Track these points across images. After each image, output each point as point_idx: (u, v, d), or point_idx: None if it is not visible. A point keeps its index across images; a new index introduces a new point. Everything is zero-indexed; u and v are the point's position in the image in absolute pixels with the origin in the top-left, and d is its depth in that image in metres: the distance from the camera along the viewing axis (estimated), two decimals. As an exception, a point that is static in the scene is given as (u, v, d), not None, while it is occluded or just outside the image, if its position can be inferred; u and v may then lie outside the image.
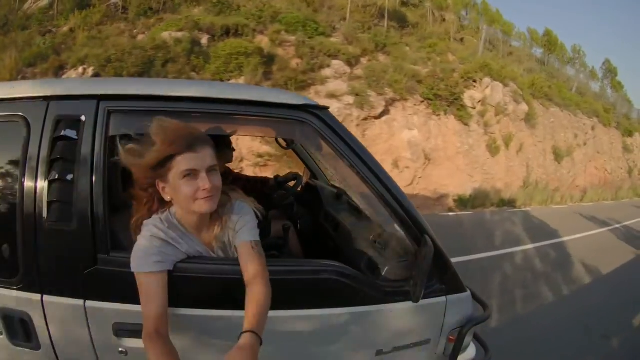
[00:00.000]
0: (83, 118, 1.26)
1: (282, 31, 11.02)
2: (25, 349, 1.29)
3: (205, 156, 1.19)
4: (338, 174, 1.54)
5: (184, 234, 1.27)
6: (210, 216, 1.31)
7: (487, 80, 13.31)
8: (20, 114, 1.26)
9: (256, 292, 1.15)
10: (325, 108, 1.52)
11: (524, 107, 14.53)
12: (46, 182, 1.22)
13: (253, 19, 11.24)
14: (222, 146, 2.31)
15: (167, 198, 1.22)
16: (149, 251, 1.17)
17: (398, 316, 1.56)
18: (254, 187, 2.84)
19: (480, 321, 1.63)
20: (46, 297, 1.25)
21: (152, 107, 1.30)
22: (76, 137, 1.25)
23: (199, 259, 1.29)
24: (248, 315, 1.08)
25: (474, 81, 13.23)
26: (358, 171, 1.49)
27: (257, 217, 1.37)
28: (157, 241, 1.19)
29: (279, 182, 2.86)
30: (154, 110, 1.27)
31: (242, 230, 1.29)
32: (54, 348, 1.28)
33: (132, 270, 1.15)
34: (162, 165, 1.16)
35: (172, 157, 1.16)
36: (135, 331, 1.26)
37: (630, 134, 23.66)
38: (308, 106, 1.47)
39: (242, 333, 1.01)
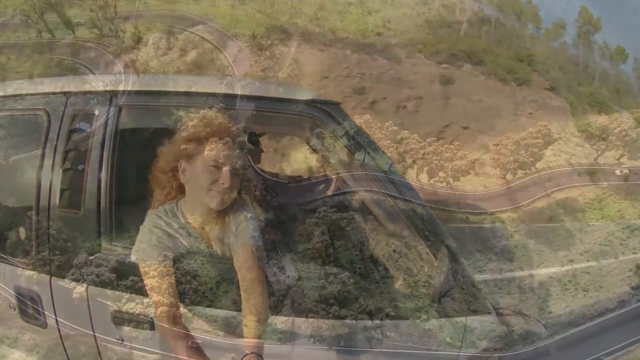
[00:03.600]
0: (96, 112, 1.34)
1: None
2: (34, 326, 1.39)
3: (236, 157, 1.23)
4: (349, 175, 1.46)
5: (186, 228, 1.27)
6: (216, 215, 1.30)
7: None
8: (43, 107, 1.37)
9: (253, 303, 1.11)
10: (336, 104, 1.45)
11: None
12: (60, 171, 1.31)
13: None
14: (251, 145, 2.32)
15: (183, 180, 1.24)
16: (150, 243, 1.19)
17: (408, 334, 1.43)
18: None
19: (501, 347, 1.44)
20: (54, 280, 1.33)
21: (159, 102, 1.34)
22: (89, 130, 1.33)
23: (199, 256, 1.29)
24: (248, 333, 1.05)
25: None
26: (369, 172, 1.40)
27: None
28: (158, 231, 1.21)
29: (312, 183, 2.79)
30: (161, 105, 1.31)
31: (243, 234, 1.26)
32: (58, 328, 1.35)
33: (134, 261, 1.18)
34: (197, 142, 1.20)
35: (207, 139, 1.20)
36: (131, 320, 1.29)
37: (601, 107, 15.54)
38: (316, 101, 1.42)
39: (244, 356, 0.98)
